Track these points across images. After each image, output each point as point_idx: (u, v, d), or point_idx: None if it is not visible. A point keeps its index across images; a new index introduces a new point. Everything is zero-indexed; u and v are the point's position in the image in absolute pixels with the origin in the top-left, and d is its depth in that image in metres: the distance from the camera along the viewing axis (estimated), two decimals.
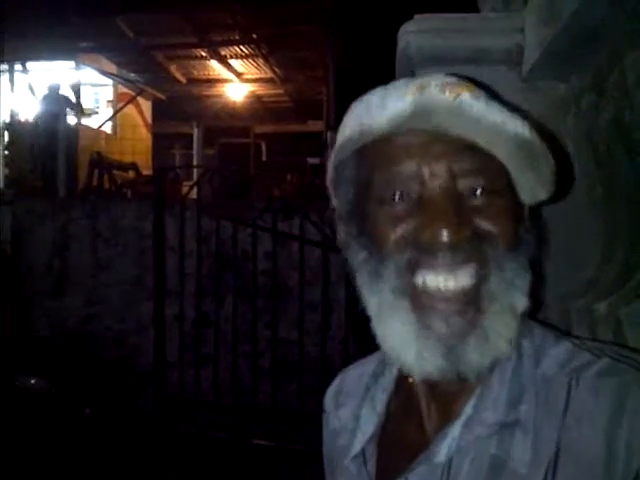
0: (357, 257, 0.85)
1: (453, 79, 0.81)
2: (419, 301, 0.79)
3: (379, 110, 0.80)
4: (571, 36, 1.15)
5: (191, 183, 6.24)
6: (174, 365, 4.89)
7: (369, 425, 0.93)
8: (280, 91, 14.48)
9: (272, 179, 10.62)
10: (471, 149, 0.78)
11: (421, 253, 0.78)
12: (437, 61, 1.39)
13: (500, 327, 0.77)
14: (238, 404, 4.70)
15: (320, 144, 11.89)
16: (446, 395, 0.84)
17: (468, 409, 0.80)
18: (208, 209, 5.30)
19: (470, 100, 0.77)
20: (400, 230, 0.80)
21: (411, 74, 1.48)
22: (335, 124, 10.61)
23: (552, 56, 1.26)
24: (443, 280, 0.77)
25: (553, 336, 0.84)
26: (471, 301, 0.78)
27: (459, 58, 1.38)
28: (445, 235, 0.75)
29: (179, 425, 4.85)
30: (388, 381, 0.95)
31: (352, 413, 0.96)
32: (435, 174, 0.79)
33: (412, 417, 0.88)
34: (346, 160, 0.87)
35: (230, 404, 4.70)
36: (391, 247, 0.80)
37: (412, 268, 0.79)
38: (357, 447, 0.92)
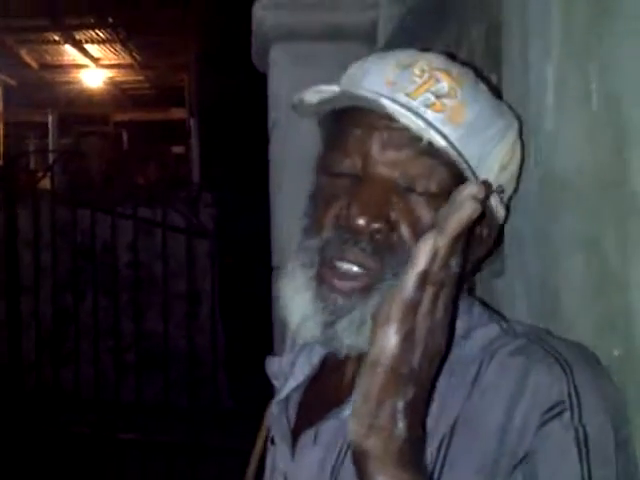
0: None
1: (438, 61, 0.84)
2: (322, 274, 0.82)
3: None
4: (420, 12, 1.17)
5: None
6: (33, 364, 4.65)
7: (300, 374, 0.97)
8: (140, 78, 14.02)
9: (134, 167, 10.29)
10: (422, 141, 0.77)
11: (336, 236, 0.80)
12: (292, 37, 1.38)
13: None
14: (101, 399, 4.54)
15: (183, 132, 11.67)
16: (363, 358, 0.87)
17: None
18: (64, 198, 5.06)
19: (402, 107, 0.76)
20: (331, 207, 0.82)
21: (265, 50, 1.46)
22: (198, 112, 10.43)
23: (404, 32, 1.27)
24: (346, 264, 0.80)
25: (487, 317, 0.85)
26: (364, 289, 0.79)
27: (314, 34, 1.37)
28: (359, 221, 0.77)
29: (40, 424, 4.62)
30: None
31: (291, 360, 0.99)
32: (379, 158, 0.80)
33: (338, 374, 0.90)
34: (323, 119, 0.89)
35: (92, 399, 4.53)
36: (319, 223, 0.83)
37: (326, 248, 0.81)
38: (283, 393, 0.96)
